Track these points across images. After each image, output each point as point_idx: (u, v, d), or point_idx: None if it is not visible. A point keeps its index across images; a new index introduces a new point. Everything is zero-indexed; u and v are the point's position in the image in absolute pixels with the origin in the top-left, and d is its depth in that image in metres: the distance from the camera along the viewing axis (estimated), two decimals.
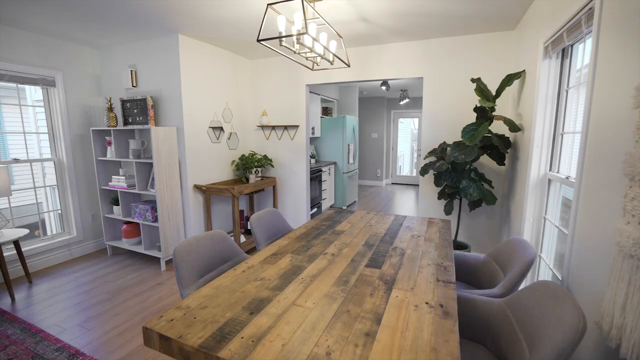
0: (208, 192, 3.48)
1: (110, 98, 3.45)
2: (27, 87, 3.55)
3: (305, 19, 1.85)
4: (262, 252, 1.79)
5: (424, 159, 3.42)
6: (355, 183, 6.56)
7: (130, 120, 3.41)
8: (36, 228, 3.59)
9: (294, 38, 1.95)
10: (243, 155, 3.93)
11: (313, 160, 5.70)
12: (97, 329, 2.35)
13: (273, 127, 4.20)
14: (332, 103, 6.75)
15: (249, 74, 4.21)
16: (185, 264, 1.56)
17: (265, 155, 4.03)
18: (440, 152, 3.16)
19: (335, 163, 5.90)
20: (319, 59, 2.58)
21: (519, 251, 1.69)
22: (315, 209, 5.00)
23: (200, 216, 3.58)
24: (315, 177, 4.94)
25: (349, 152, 5.95)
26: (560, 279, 1.75)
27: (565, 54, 2.03)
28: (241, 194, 3.42)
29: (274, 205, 4.17)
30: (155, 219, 3.28)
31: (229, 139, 3.92)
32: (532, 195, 2.32)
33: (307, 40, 2.09)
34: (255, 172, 3.89)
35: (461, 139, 3.10)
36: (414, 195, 7.39)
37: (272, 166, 4.08)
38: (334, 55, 2.31)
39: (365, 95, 8.00)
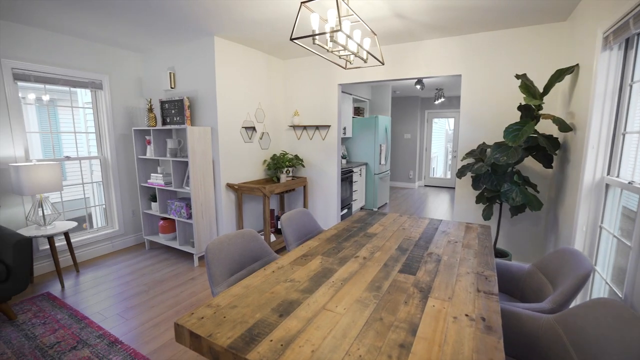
0: (240, 191, 3.54)
1: (150, 99, 3.61)
2: (78, 90, 3.81)
3: (339, 16, 1.81)
4: (292, 253, 1.77)
5: (461, 160, 3.25)
6: (387, 184, 6.41)
7: (168, 120, 3.55)
8: (84, 221, 3.84)
9: (327, 36, 1.91)
10: (274, 155, 3.96)
11: (344, 161, 5.64)
12: (134, 319, 2.45)
13: (304, 127, 4.20)
14: (364, 103, 6.65)
15: (281, 74, 4.24)
16: (217, 262, 1.57)
17: (296, 155, 4.03)
18: (479, 153, 2.98)
19: (366, 164, 5.80)
20: (352, 57, 2.53)
21: (572, 263, 1.53)
22: (345, 210, 4.94)
23: (232, 214, 3.65)
24: (346, 177, 4.88)
25: (380, 153, 5.83)
26: (622, 297, 1.57)
27: (629, 44, 1.82)
28: (272, 194, 3.44)
29: (304, 206, 4.16)
30: (190, 216, 3.39)
31: (261, 138, 3.97)
32: (586, 201, 2.11)
33: (340, 37, 2.04)
34: (286, 171, 3.90)
35: (503, 140, 2.90)
36: (448, 198, 7.10)
37: (303, 166, 4.08)
38: (368, 52, 2.24)
39: (398, 94, 7.81)
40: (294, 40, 1.89)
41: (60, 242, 3.40)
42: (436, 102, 6.68)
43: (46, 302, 2.68)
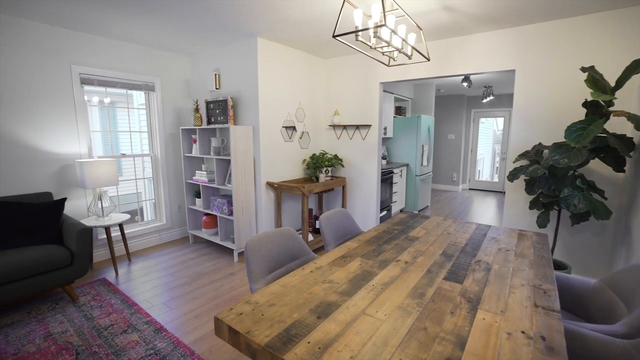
0: (279, 190, 3.58)
1: (197, 100, 3.78)
2: (134, 92, 4.09)
3: (383, 11, 1.74)
4: (331, 254, 1.74)
5: (513, 162, 3.00)
6: (428, 187, 6.16)
7: (212, 120, 3.69)
8: (136, 214, 4.12)
9: (371, 31, 1.85)
10: (314, 154, 3.96)
11: (384, 161, 5.51)
12: (178, 309, 2.57)
13: (344, 127, 4.15)
14: (406, 102, 6.45)
15: (322, 73, 4.24)
16: (256, 259, 1.58)
17: (335, 155, 4.00)
18: (534, 154, 2.74)
19: (407, 165, 5.62)
20: (395, 53, 2.44)
21: None
22: (384, 212, 4.82)
23: (271, 212, 3.70)
24: (386, 178, 4.75)
25: (422, 154, 5.61)
26: None
27: None
28: (311, 193, 3.44)
29: (343, 206, 4.12)
30: (231, 213, 3.49)
31: (300, 138, 3.99)
32: None
33: (384, 33, 1.97)
34: (325, 171, 3.89)
35: (564, 140, 2.64)
36: (495, 202, 6.65)
37: (343, 166, 4.03)
38: (413, 48, 2.15)
39: (443, 93, 7.48)
40: (337, 38, 1.85)
41: (115, 233, 3.67)
42: (484, 101, 6.30)
43: (102, 287, 2.90)
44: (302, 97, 3.95)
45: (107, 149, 4.53)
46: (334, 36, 1.82)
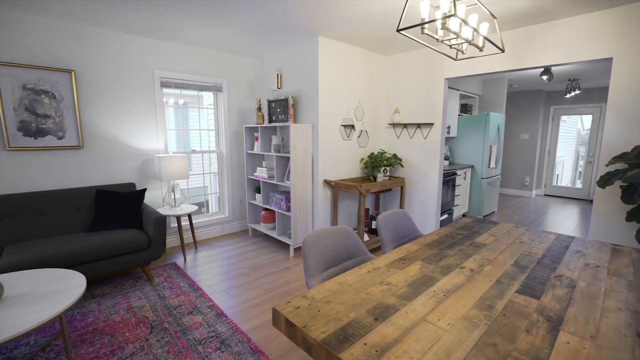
0: (336, 188, 3.58)
1: (259, 99, 3.96)
2: (204, 93, 4.43)
3: (453, 0, 1.62)
4: (389, 255, 1.67)
5: (606, 166, 2.60)
6: (496, 191, 5.66)
7: (273, 118, 3.83)
8: (202, 206, 4.45)
9: (439, 23, 1.74)
10: (372, 153, 3.89)
11: (446, 162, 5.20)
12: (236, 297, 2.71)
13: (405, 125, 4.00)
14: (473, 99, 6.01)
15: (383, 70, 4.13)
16: (313, 255, 1.58)
17: (394, 154, 3.88)
18: (635, 157, 2.34)
19: (472, 166, 5.23)
20: (465, 46, 2.26)
21: None
22: (445, 216, 4.54)
23: (327, 210, 3.72)
24: (448, 180, 4.48)
25: (490, 155, 5.17)
26: None
27: None
28: (368, 192, 3.37)
29: (401, 207, 3.98)
30: (288, 209, 3.59)
31: (359, 136, 3.94)
32: None
33: (453, 24, 1.84)
34: (383, 171, 3.79)
35: None
36: (577, 212, 5.87)
37: (402, 166, 3.89)
38: (485, 38, 1.97)
39: (516, 89, 6.81)
40: (401, 32, 1.77)
41: (184, 222, 4.01)
42: (568, 96, 5.59)
43: (173, 271, 3.18)
44: (362, 95, 3.90)
45: (180, 146, 4.97)
46: (398, 30, 1.74)
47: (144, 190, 3.16)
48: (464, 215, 5.35)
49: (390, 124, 4.10)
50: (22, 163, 2.89)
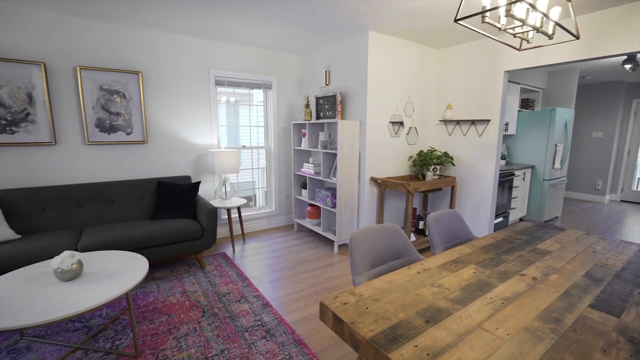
0: (383, 186, 3.51)
1: (307, 96, 4.00)
2: (255, 91, 4.59)
3: None
4: (440, 257, 1.60)
5: None
6: (560, 194, 5.15)
7: (321, 115, 3.84)
8: (250, 200, 4.63)
9: (502, 10, 1.60)
10: (421, 151, 3.74)
11: (503, 162, 4.84)
12: (281, 289, 2.78)
13: (458, 122, 3.79)
14: (536, 93, 5.51)
15: (434, 64, 3.95)
16: (359, 252, 1.56)
17: (445, 153, 3.69)
18: None
19: (533, 167, 4.81)
20: (531, 34, 2.07)
21: None
22: (500, 219, 4.24)
23: (373, 208, 3.66)
24: (505, 181, 4.17)
25: (555, 155, 4.71)
26: None
27: None
28: (416, 191, 3.26)
29: (451, 207, 3.78)
30: (334, 205, 3.59)
31: (408, 133, 3.82)
32: None
33: (519, 10, 1.69)
34: (433, 169, 3.63)
35: None
36: None
37: (453, 165, 3.70)
38: (557, 24, 1.78)
39: (589, 80, 6.11)
40: (459, 22, 1.67)
41: (233, 215, 4.21)
42: None
43: (222, 260, 3.35)
44: (412, 91, 3.76)
45: (231, 141, 5.21)
46: (455, 20, 1.64)
47: (199, 183, 3.37)
48: (521, 220, 4.94)
49: (442, 121, 3.91)
50: (98, 156, 3.23)
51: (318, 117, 3.90)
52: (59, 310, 1.56)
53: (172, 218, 3.14)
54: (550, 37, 1.82)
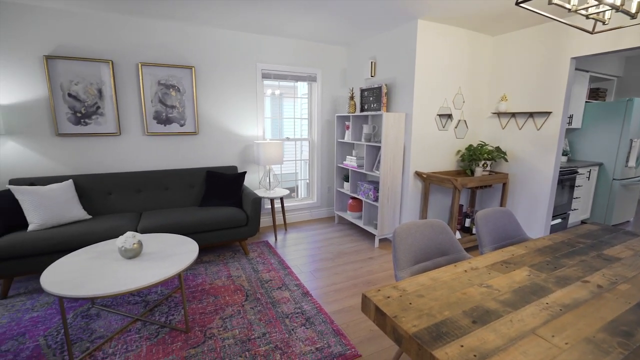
0: (428, 180, 3.39)
1: (352, 88, 3.95)
2: (299, 83, 4.64)
3: None
4: (489, 256, 1.51)
5: None
6: (634, 196, 4.59)
7: (365, 107, 3.79)
8: (292, 191, 4.72)
9: None
10: (470, 145, 3.54)
11: (564, 158, 4.42)
12: (321, 280, 2.82)
13: (513, 115, 3.53)
14: (609, 82, 4.93)
15: (488, 53, 3.69)
16: (403, 247, 1.53)
17: (497, 147, 3.46)
18: None
19: (600, 164, 4.33)
20: (607, 14, 1.85)
21: None
22: (558, 220, 3.90)
23: (417, 203, 3.55)
24: (566, 179, 3.81)
25: (630, 152, 4.20)
26: None
27: None
28: (464, 187, 3.10)
29: (502, 205, 3.55)
30: (376, 199, 3.54)
31: (456, 127, 3.63)
32: None
33: None
34: (483, 165, 3.43)
35: None
36: None
37: (506, 160, 3.45)
38: None
39: None
40: (521, 5, 1.53)
41: (276, 205, 4.32)
42: None
43: (265, 248, 3.48)
44: (462, 82, 3.56)
45: (275, 133, 5.34)
46: (517, 3, 1.51)
47: (244, 173, 3.50)
48: (583, 222, 4.50)
49: (495, 113, 3.66)
50: (155, 146, 3.49)
51: (362, 110, 3.85)
52: (123, 284, 1.72)
53: (219, 206, 3.31)
54: (633, 16, 1.61)
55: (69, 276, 1.81)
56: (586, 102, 4.50)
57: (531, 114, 3.35)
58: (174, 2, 2.81)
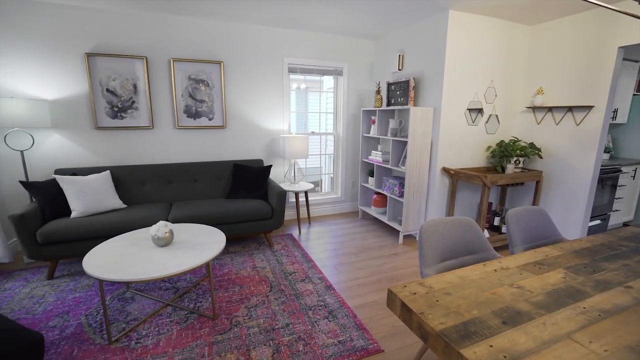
0: (455, 177, 3.29)
1: (379, 82, 3.90)
2: (324, 77, 4.63)
3: None
4: (520, 256, 1.46)
5: None
6: None
7: (392, 102, 3.72)
8: (316, 185, 4.75)
9: None
10: (502, 141, 3.40)
11: (606, 156, 4.15)
12: (344, 274, 2.83)
13: (550, 109, 3.34)
14: None
15: (524, 44, 3.51)
16: (429, 243, 1.50)
17: (531, 143, 3.30)
18: None
19: None
20: None
21: None
22: (597, 221, 3.68)
23: (443, 200, 3.47)
24: (607, 178, 3.58)
25: None
26: None
27: None
28: (494, 184, 2.99)
29: (534, 204, 3.39)
30: (401, 195, 3.49)
31: (487, 122, 3.49)
32: None
33: None
34: (515, 161, 3.28)
35: None
36: None
37: (540, 157, 3.28)
38: None
39: None
40: None
41: (301, 198, 4.36)
42: None
43: (289, 241, 3.53)
44: (495, 75, 3.41)
45: (300, 127, 5.37)
46: None
47: (270, 166, 3.56)
48: (625, 224, 4.21)
49: (529, 107, 3.48)
50: (185, 139, 3.61)
51: (389, 104, 3.79)
52: (156, 270, 1.81)
53: (245, 198, 3.39)
54: None
55: (108, 261, 1.92)
56: (634, 94, 4.19)
57: (570, 108, 3.16)
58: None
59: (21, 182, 2.59)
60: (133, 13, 3.20)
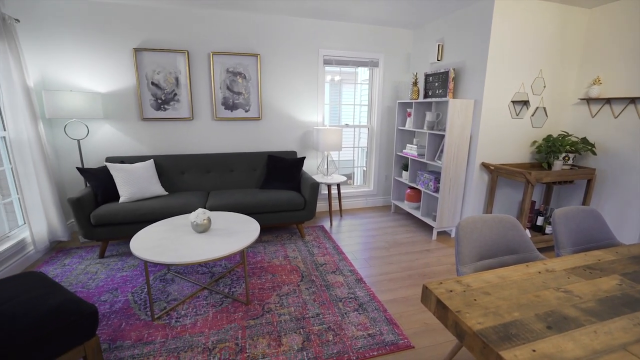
0: (496, 173, 3.13)
1: (416, 73, 3.77)
2: (359, 69, 4.56)
3: None
4: (568, 259, 1.36)
5: None
6: None
7: (430, 94, 3.59)
8: (349, 178, 4.72)
9: None
10: (549, 135, 3.17)
11: None
12: (375, 268, 2.81)
13: (607, 101, 3.06)
14: None
15: (581, 30, 3.22)
16: (467, 241, 1.45)
17: (584, 138, 3.05)
18: None
19: None
20: None
21: None
22: None
23: (481, 197, 3.32)
24: None
25: None
26: None
27: None
28: (538, 182, 2.81)
29: (584, 204, 3.15)
30: (436, 190, 3.38)
31: (533, 115, 3.27)
32: None
33: None
34: (564, 158, 3.05)
35: None
36: None
37: (594, 153, 3.02)
38: None
39: None
40: None
41: (333, 191, 4.37)
42: None
43: (321, 232, 3.56)
44: (544, 64, 3.17)
45: (333, 120, 5.35)
46: None
47: (304, 158, 3.59)
48: None
49: (583, 99, 3.21)
50: (222, 130, 3.73)
51: (426, 96, 3.66)
52: (195, 255, 1.91)
53: (279, 189, 3.45)
54: None
55: (152, 244, 2.05)
56: None
57: (633, 100, 2.87)
58: None
59: (78, 168, 2.83)
60: (177, 9, 3.33)
